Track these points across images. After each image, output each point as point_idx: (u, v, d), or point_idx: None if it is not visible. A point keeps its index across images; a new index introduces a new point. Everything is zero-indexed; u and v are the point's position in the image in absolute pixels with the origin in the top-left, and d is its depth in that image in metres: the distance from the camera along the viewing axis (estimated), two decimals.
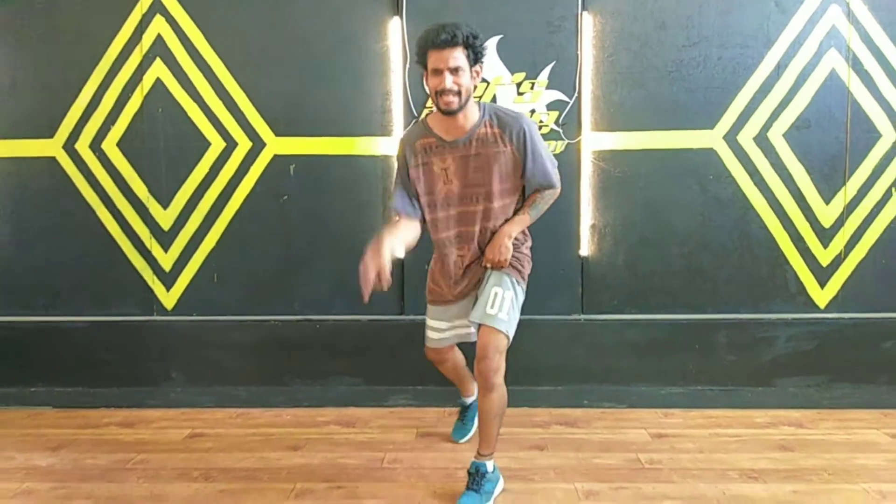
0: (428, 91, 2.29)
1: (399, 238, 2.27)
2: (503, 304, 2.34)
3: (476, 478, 2.34)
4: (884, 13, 3.32)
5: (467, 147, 2.31)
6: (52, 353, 3.54)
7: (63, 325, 3.54)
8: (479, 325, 2.36)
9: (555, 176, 2.42)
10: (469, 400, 2.92)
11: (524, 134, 2.31)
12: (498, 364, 2.32)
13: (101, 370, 3.52)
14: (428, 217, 2.45)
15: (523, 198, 2.49)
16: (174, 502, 2.40)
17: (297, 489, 2.49)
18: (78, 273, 3.57)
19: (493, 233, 2.40)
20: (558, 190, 2.47)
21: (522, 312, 3.04)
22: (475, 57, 2.25)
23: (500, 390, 2.34)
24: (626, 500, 2.38)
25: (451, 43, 2.16)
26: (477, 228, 2.39)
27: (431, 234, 2.49)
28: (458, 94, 2.20)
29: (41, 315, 3.58)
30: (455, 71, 2.18)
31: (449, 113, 2.24)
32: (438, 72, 2.19)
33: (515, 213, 2.44)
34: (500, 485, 2.41)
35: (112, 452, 2.88)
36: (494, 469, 2.39)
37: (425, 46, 2.22)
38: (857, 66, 3.36)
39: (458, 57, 2.18)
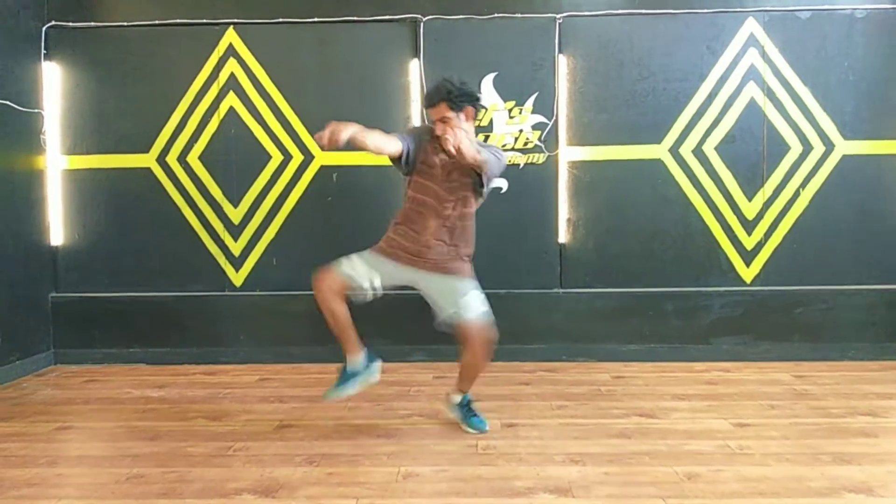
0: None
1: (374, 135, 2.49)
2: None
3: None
4: (790, 55, 4.06)
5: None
6: (147, 320, 4.22)
7: (155, 299, 4.21)
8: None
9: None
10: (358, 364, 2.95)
11: None
12: None
13: (185, 334, 4.22)
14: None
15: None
16: (263, 413, 3.23)
17: (349, 405, 3.34)
18: (167, 258, 4.22)
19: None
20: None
21: (514, 286, 3.80)
22: (457, 106, 2.67)
23: None
24: (586, 410, 3.23)
25: (431, 102, 2.71)
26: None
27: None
28: None
29: (138, 291, 4.21)
30: (443, 120, 2.70)
31: None
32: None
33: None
34: None
35: (205, 388, 3.69)
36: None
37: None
38: (770, 94, 4.07)
39: (442, 109, 2.69)
